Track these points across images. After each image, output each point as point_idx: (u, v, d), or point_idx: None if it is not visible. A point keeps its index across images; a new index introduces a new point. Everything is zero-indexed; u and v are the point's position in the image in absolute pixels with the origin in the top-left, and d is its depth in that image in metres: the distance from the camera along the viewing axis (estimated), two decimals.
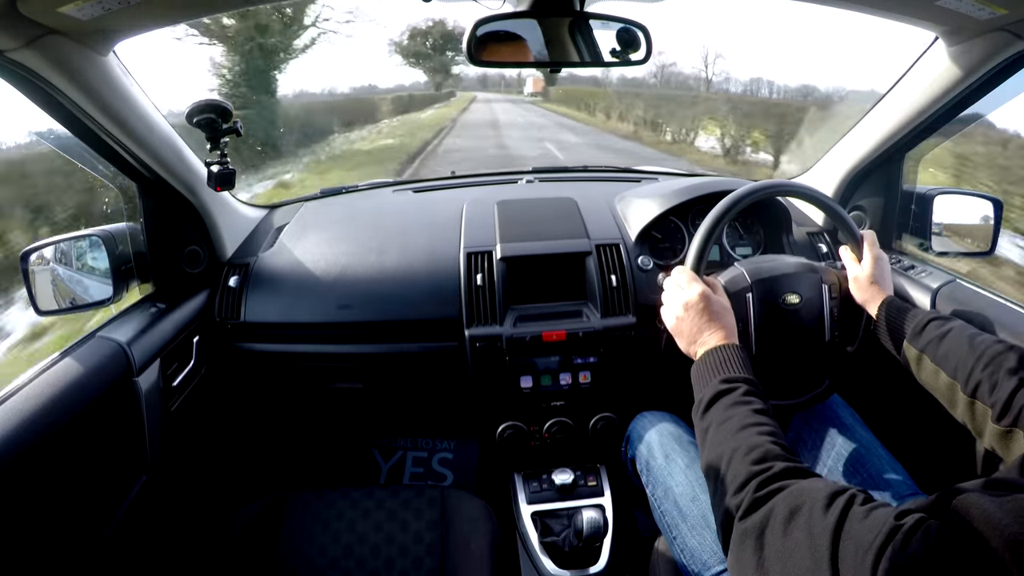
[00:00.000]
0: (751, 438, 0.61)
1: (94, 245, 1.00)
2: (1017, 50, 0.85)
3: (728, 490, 0.58)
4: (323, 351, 1.19)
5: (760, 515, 0.53)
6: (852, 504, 0.48)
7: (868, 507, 0.47)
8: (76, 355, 0.85)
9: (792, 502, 0.51)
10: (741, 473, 0.58)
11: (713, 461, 0.63)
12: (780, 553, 0.50)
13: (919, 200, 1.19)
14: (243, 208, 1.36)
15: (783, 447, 0.60)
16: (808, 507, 0.50)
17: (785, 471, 0.56)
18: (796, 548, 0.48)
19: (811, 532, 0.48)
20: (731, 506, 0.57)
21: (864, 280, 0.90)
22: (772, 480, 0.55)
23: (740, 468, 0.58)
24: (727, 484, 0.59)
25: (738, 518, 0.55)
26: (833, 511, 0.48)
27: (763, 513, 0.53)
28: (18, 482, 0.70)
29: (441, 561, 0.95)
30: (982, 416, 0.69)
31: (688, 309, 0.81)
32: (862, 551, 0.44)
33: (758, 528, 0.52)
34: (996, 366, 0.68)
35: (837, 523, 0.47)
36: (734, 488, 0.57)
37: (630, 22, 0.86)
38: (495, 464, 1.34)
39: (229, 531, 1.00)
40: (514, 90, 48.14)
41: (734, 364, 0.73)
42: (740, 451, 0.60)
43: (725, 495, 0.58)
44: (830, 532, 0.46)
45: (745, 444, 0.60)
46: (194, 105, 0.96)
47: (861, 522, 0.46)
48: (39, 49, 0.73)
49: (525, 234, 1.19)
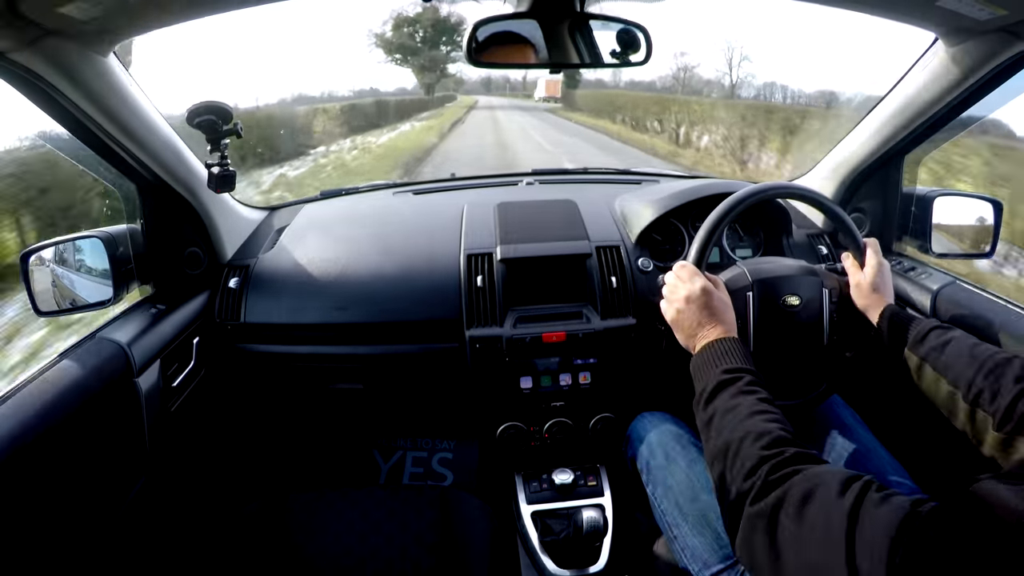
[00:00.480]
0: (760, 425, 0.61)
1: (94, 246, 1.00)
2: (1017, 50, 0.85)
3: (738, 475, 0.58)
4: (323, 352, 1.19)
5: (773, 498, 0.53)
6: (868, 490, 0.48)
7: (884, 493, 0.47)
8: (76, 355, 0.85)
9: (806, 485, 0.51)
10: (752, 458, 0.57)
11: (720, 447, 0.62)
12: (794, 535, 0.50)
13: (919, 202, 1.19)
14: (243, 210, 1.36)
15: (792, 434, 0.60)
16: (823, 491, 0.50)
17: (797, 456, 0.56)
18: (811, 531, 0.48)
19: (826, 516, 0.48)
20: (741, 490, 0.56)
21: (866, 287, 0.90)
22: (785, 464, 0.55)
23: (751, 453, 0.58)
24: (736, 469, 0.58)
25: (749, 502, 0.55)
26: (849, 496, 0.48)
27: (776, 496, 0.52)
28: (18, 482, 0.70)
29: (441, 561, 0.95)
30: (983, 424, 0.69)
31: (689, 302, 0.81)
32: (879, 535, 0.44)
33: (771, 511, 0.52)
34: (997, 375, 0.69)
35: (853, 507, 0.47)
36: (744, 473, 0.57)
37: (630, 23, 0.87)
38: (495, 464, 1.34)
39: (229, 531, 1.00)
40: (520, 93, 41.43)
41: (736, 356, 0.73)
42: (750, 437, 0.60)
43: (734, 480, 0.58)
44: (845, 516, 0.46)
45: (755, 430, 0.60)
46: (194, 107, 0.96)
47: (877, 507, 0.46)
48: (39, 50, 0.73)
49: (525, 236, 1.19)
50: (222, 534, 1.00)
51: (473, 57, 0.85)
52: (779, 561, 0.50)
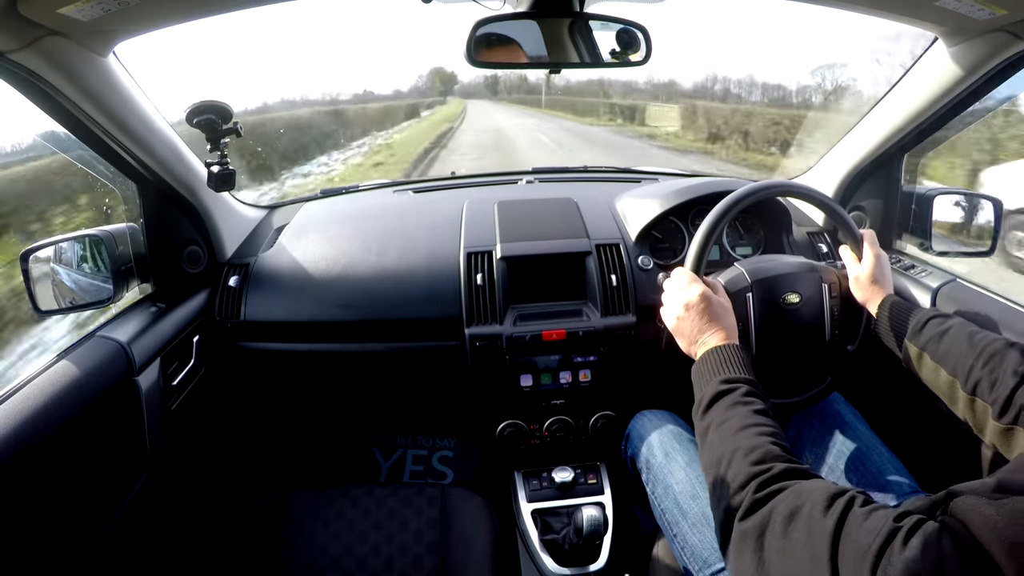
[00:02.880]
0: (751, 439, 0.61)
1: (94, 245, 1.00)
2: (1017, 50, 0.85)
3: (728, 491, 0.58)
4: (323, 350, 1.19)
5: (760, 516, 0.53)
6: (852, 506, 0.48)
7: (867, 509, 0.48)
8: (76, 354, 0.85)
9: (792, 503, 0.51)
10: (741, 473, 0.58)
11: (713, 461, 0.63)
12: (780, 554, 0.50)
13: (919, 200, 1.19)
14: (243, 208, 1.36)
15: (783, 448, 0.60)
16: (808, 508, 0.50)
17: (785, 472, 0.56)
18: (796, 549, 0.49)
19: (811, 533, 0.48)
20: (731, 506, 0.57)
21: (865, 279, 0.90)
22: (772, 481, 0.55)
23: (740, 469, 0.58)
24: (727, 484, 0.59)
25: (738, 519, 0.55)
26: (833, 513, 0.48)
27: (763, 514, 0.53)
28: (18, 481, 0.71)
29: (441, 559, 0.95)
30: (982, 413, 0.69)
31: (689, 310, 0.81)
32: (861, 553, 0.44)
33: (758, 529, 0.53)
34: (996, 363, 0.69)
35: (836, 525, 0.47)
36: (734, 488, 0.57)
37: (630, 23, 0.87)
38: (495, 462, 1.34)
39: (229, 530, 1.00)
40: (532, 94, 32.97)
41: (734, 364, 0.73)
42: (740, 452, 0.60)
43: (725, 495, 0.58)
44: (829, 534, 0.47)
45: (745, 445, 0.61)
46: (194, 106, 0.96)
47: (860, 524, 0.46)
48: (39, 50, 0.73)
49: (525, 234, 1.20)
50: (222, 532, 1.00)
51: (473, 57, 0.85)
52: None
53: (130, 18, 0.77)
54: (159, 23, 0.82)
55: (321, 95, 24.44)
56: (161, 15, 0.79)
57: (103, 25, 0.75)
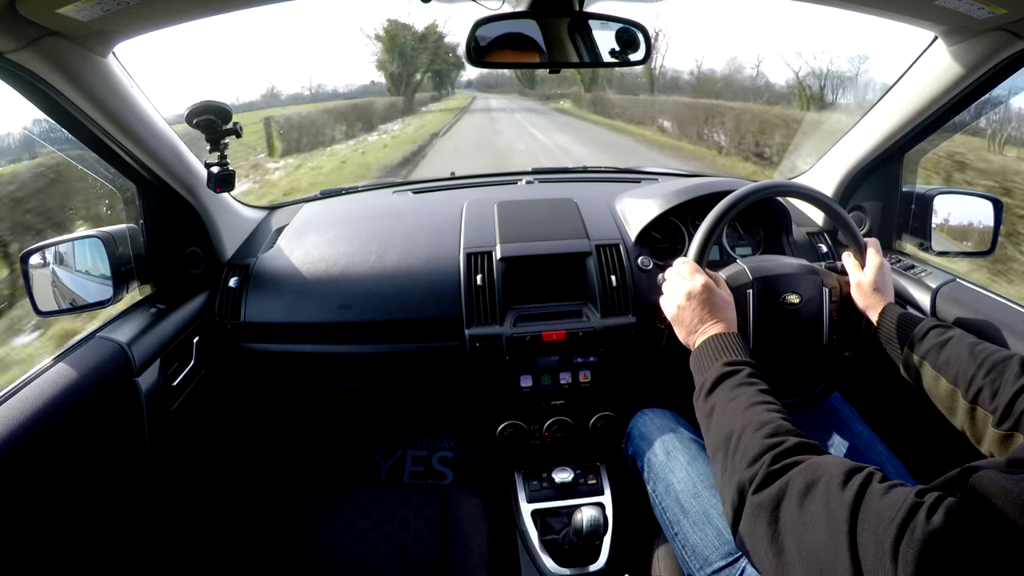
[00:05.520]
0: (761, 414, 0.61)
1: (94, 246, 1.00)
2: (1017, 50, 0.85)
3: (740, 464, 0.58)
4: (323, 351, 1.19)
5: (776, 488, 0.53)
6: (871, 481, 0.48)
7: (886, 484, 0.48)
8: (76, 355, 0.85)
9: (809, 476, 0.51)
10: (754, 447, 0.57)
11: (722, 438, 0.62)
12: (796, 526, 0.50)
13: (919, 200, 1.19)
14: (243, 209, 1.36)
15: (793, 424, 0.60)
16: (825, 481, 0.50)
17: (799, 446, 0.56)
18: (813, 522, 0.48)
19: (829, 506, 0.48)
20: (743, 479, 0.56)
21: (867, 286, 0.90)
22: (787, 454, 0.55)
23: (753, 442, 0.58)
24: (738, 458, 0.58)
25: (751, 492, 0.55)
26: (851, 487, 0.48)
27: (779, 486, 0.52)
28: (18, 481, 0.71)
29: (441, 559, 0.95)
30: (982, 422, 0.69)
31: (691, 299, 0.81)
32: (883, 526, 0.44)
33: (773, 501, 0.52)
34: (998, 373, 0.69)
35: (855, 498, 0.47)
36: (747, 462, 0.57)
37: (629, 22, 0.87)
38: (495, 463, 1.34)
39: (229, 530, 1.00)
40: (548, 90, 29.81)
41: (736, 350, 0.73)
42: (751, 426, 0.60)
43: (736, 469, 0.58)
44: (848, 507, 0.46)
45: (756, 420, 0.60)
46: (193, 106, 0.96)
47: (880, 498, 0.46)
48: (38, 50, 0.73)
49: (525, 234, 1.19)
50: (222, 533, 1.00)
51: (473, 57, 0.85)
52: (782, 552, 0.50)
53: (129, 18, 0.77)
54: (158, 23, 0.82)
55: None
56: (160, 15, 0.79)
57: (102, 25, 0.75)
